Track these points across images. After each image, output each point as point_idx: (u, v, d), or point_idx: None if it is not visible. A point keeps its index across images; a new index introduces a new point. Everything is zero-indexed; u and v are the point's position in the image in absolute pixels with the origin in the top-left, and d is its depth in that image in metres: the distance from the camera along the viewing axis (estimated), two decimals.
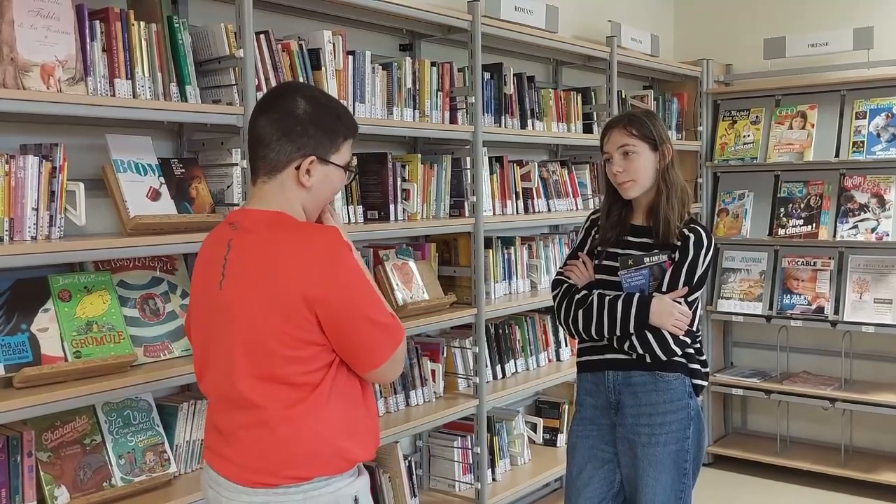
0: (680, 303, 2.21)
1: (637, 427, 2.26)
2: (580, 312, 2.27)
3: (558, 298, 2.35)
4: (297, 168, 1.61)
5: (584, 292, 2.29)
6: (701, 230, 2.26)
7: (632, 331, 2.20)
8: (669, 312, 2.19)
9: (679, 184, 2.28)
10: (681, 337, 2.22)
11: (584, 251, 2.39)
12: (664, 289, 2.22)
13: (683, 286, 2.22)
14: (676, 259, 2.23)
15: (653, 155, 2.26)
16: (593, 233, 2.41)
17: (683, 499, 2.29)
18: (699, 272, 2.23)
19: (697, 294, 2.26)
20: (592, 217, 2.46)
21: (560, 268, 2.45)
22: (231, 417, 1.60)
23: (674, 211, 2.25)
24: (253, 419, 1.57)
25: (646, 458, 2.24)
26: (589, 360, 2.35)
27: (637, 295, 2.21)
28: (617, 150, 2.26)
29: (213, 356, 1.64)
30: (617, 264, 2.27)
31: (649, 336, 2.20)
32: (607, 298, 2.23)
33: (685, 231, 2.25)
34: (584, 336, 2.30)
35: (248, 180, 2.27)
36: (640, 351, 2.22)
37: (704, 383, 2.34)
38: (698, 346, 2.32)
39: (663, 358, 2.22)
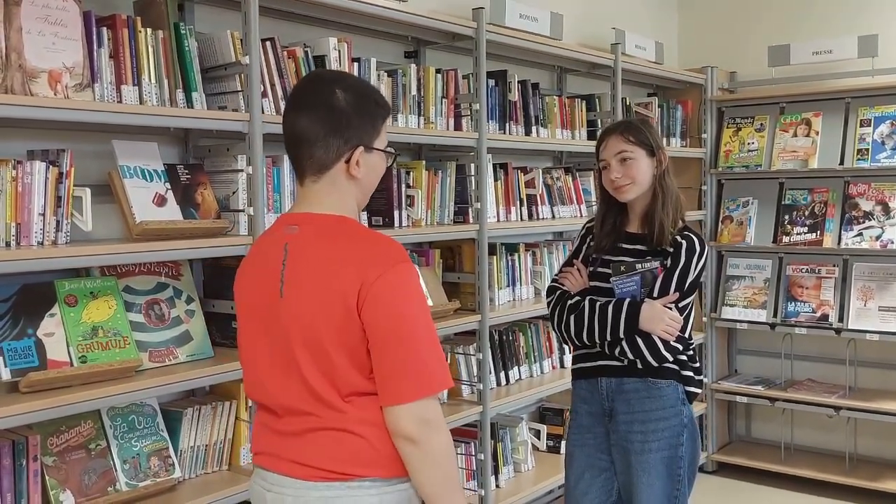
0: (670, 308, 2.22)
1: (630, 434, 2.27)
2: (572, 318, 2.28)
3: (552, 305, 2.37)
4: (347, 161, 1.55)
5: (576, 298, 2.31)
6: (693, 237, 2.28)
7: (622, 336, 2.21)
8: (660, 318, 2.20)
9: (674, 190, 2.31)
10: (672, 343, 2.23)
11: (580, 258, 2.41)
12: (655, 294, 2.23)
13: (674, 292, 2.23)
14: (668, 265, 2.24)
15: (650, 161, 2.29)
16: (588, 240, 2.42)
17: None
18: (690, 278, 2.25)
19: (689, 300, 2.27)
20: (588, 225, 2.47)
21: (555, 275, 2.47)
22: (301, 421, 1.52)
23: (668, 217, 2.27)
24: (327, 423, 1.50)
25: (639, 464, 2.25)
26: (583, 366, 2.36)
27: (627, 300, 2.23)
28: (614, 157, 2.28)
29: (277, 364, 1.54)
30: (606, 270, 2.29)
31: (639, 341, 2.21)
32: (598, 304, 2.25)
33: (678, 238, 2.26)
34: (576, 342, 2.32)
35: (253, 186, 2.30)
36: (631, 356, 2.23)
37: (698, 391, 2.33)
38: (691, 353, 2.32)
39: (654, 364, 2.23)
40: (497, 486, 3.24)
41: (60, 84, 1.98)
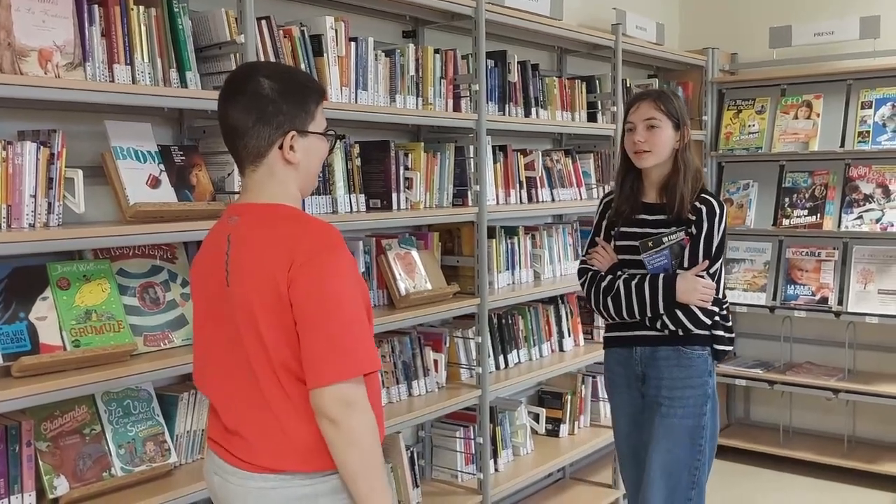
0: (703, 276, 2.32)
1: (658, 398, 2.39)
2: (609, 299, 2.40)
3: (586, 287, 2.49)
4: (281, 147, 1.57)
5: (608, 278, 2.42)
6: (711, 199, 2.37)
7: (662, 311, 2.32)
8: (694, 288, 2.30)
9: (694, 165, 2.40)
10: (709, 307, 2.33)
11: (601, 236, 2.51)
12: (686, 265, 2.33)
13: (703, 259, 2.32)
14: (693, 234, 2.33)
15: (674, 133, 2.38)
16: (608, 215, 2.51)
17: (698, 476, 2.37)
18: (716, 242, 2.34)
19: (718, 263, 2.36)
20: (605, 200, 2.55)
21: (582, 256, 2.57)
22: (239, 414, 1.58)
23: (688, 189, 2.36)
24: (262, 416, 1.54)
25: (662, 427, 2.37)
26: (618, 335, 2.48)
27: (662, 275, 2.33)
28: (642, 122, 2.37)
29: (224, 353, 1.60)
30: (632, 242, 2.39)
31: (679, 313, 2.32)
32: (633, 282, 2.35)
33: (696, 204, 2.35)
34: (616, 319, 2.43)
35: None
36: (672, 327, 2.33)
37: (729, 348, 2.45)
38: (724, 312, 2.42)
39: (693, 330, 2.34)
40: (496, 469, 3.23)
41: (51, 63, 1.94)
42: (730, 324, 2.45)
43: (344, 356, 1.48)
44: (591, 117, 3.74)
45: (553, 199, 3.50)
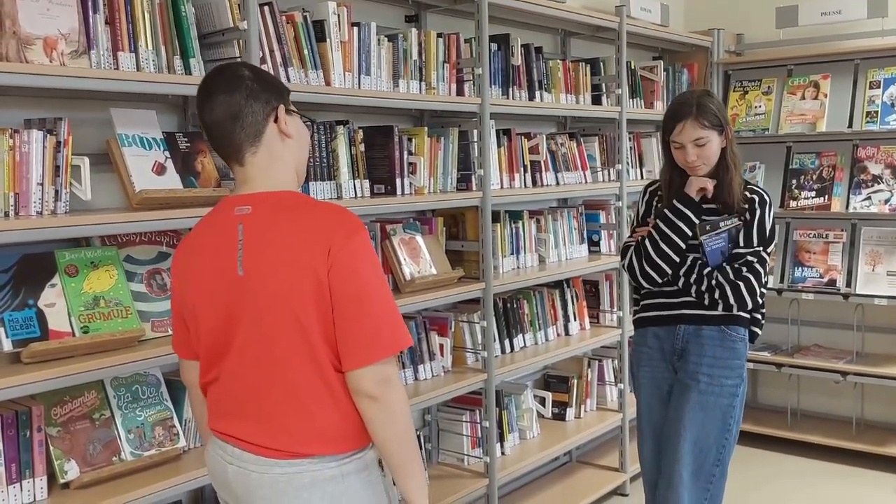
0: (752, 257, 2.41)
1: (697, 374, 2.45)
2: (651, 247, 2.45)
3: (631, 254, 2.51)
4: (276, 120, 1.60)
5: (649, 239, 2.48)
6: (760, 191, 2.49)
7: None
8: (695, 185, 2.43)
9: (740, 158, 2.51)
10: (760, 288, 2.45)
11: (651, 218, 2.55)
12: (741, 245, 2.42)
13: (758, 245, 2.43)
14: (748, 219, 2.44)
15: (720, 139, 2.45)
16: (655, 202, 2.58)
17: (723, 455, 2.43)
18: (768, 227, 2.45)
19: (771, 248, 2.49)
20: (651, 189, 2.63)
21: (627, 238, 2.62)
22: (261, 403, 1.56)
23: (736, 184, 2.45)
24: (288, 403, 1.53)
25: (699, 402, 2.43)
26: (660, 314, 2.53)
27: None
28: (691, 142, 2.42)
29: (238, 345, 1.56)
30: (698, 231, 2.46)
31: (741, 286, 2.39)
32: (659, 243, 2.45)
33: (747, 194, 2.46)
34: (667, 272, 2.44)
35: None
36: (732, 301, 2.39)
37: (759, 332, 2.53)
38: (763, 299, 2.51)
39: (749, 305, 2.41)
40: (502, 453, 3.25)
41: (56, 51, 1.95)
42: (764, 310, 2.53)
43: (384, 336, 1.52)
44: (596, 100, 3.73)
45: (558, 183, 3.49)
